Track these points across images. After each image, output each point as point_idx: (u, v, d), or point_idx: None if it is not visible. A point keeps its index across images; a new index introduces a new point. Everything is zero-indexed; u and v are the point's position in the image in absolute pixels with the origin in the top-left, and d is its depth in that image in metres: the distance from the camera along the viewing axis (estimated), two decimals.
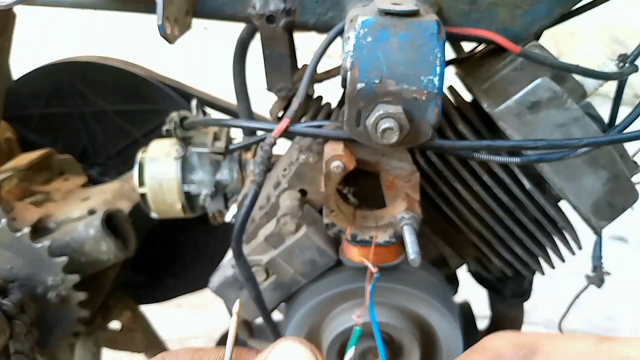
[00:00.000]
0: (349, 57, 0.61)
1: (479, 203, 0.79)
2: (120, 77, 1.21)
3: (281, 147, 0.75)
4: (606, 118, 0.79)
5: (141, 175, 0.97)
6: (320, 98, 0.85)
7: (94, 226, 0.98)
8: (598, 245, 0.84)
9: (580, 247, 0.83)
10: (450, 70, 0.76)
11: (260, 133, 0.90)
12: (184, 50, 1.65)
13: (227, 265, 0.81)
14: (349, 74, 0.61)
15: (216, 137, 0.97)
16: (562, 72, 0.72)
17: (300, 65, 0.83)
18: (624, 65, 0.73)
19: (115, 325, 1.30)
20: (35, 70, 1.24)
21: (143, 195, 0.98)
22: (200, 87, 1.25)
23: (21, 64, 1.27)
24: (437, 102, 0.61)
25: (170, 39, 0.69)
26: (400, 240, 0.72)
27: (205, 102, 1.15)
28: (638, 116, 0.71)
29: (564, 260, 0.85)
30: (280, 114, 0.86)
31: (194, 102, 0.94)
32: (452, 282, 0.93)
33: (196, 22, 0.77)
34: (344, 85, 0.65)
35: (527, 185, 0.76)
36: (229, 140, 0.98)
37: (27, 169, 1.11)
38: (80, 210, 1.03)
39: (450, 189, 0.80)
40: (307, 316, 0.78)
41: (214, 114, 1.18)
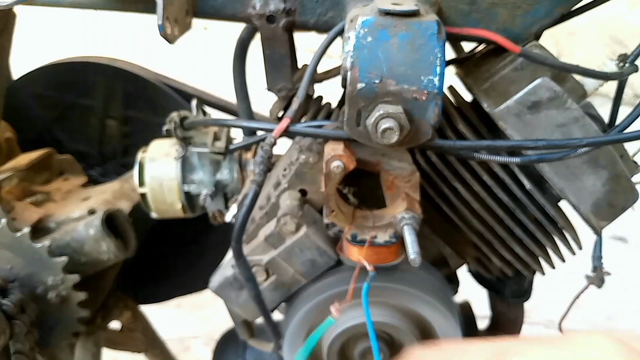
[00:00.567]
0: (349, 57, 0.61)
1: (479, 203, 0.79)
2: (130, 82, 1.20)
3: (281, 147, 0.75)
4: (606, 118, 0.79)
5: (141, 175, 0.97)
6: (320, 98, 0.85)
7: (94, 226, 0.98)
8: (598, 245, 0.84)
9: (580, 247, 0.82)
10: (450, 70, 0.76)
11: (260, 133, 0.90)
12: (184, 50, 1.65)
13: (227, 265, 0.81)
14: (349, 74, 0.61)
15: (216, 137, 0.97)
16: (562, 72, 0.72)
17: (300, 65, 0.83)
18: (624, 65, 0.74)
19: (115, 325, 1.30)
20: (35, 70, 1.24)
21: (143, 195, 0.98)
22: (200, 87, 1.25)
23: (21, 64, 1.27)
24: (437, 102, 0.61)
25: (170, 39, 0.69)
26: (400, 240, 0.72)
27: (206, 102, 1.15)
28: (638, 116, 0.71)
29: (564, 260, 0.85)
30: (280, 114, 0.86)
31: (194, 102, 0.94)
32: (452, 282, 0.93)
33: (196, 22, 0.77)
34: (344, 85, 0.65)
35: (527, 185, 0.76)
36: (229, 140, 0.98)
37: (27, 169, 1.11)
38: (80, 210, 1.03)
39: (450, 189, 0.80)
40: (307, 316, 0.77)
41: (214, 114, 1.17)
